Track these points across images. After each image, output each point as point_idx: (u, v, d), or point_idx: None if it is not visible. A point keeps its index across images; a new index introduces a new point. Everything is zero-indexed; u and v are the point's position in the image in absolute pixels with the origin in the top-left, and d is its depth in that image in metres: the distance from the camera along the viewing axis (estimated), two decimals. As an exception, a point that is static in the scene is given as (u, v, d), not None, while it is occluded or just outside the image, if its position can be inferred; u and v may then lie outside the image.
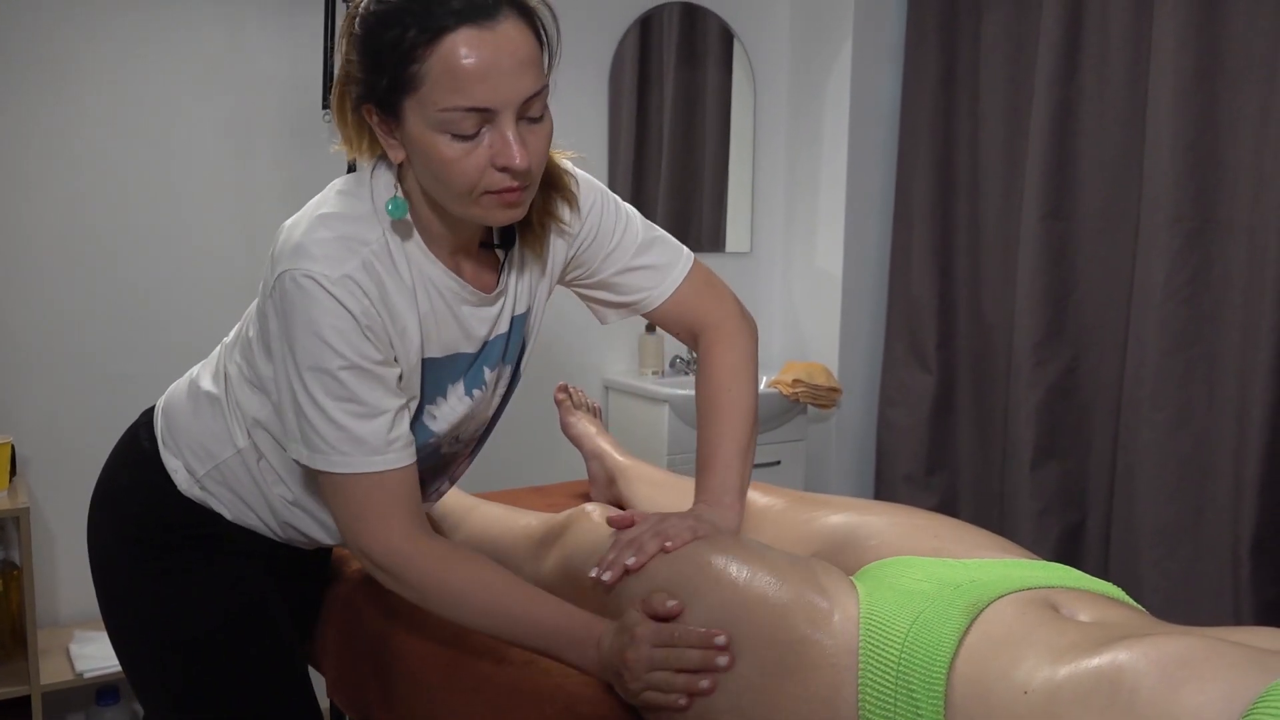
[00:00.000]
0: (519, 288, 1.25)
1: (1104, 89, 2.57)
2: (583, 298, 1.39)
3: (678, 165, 3.18)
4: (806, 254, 3.21)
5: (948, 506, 3.01)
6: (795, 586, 1.01)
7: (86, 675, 2.13)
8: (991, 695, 0.84)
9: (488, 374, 1.25)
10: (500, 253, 1.23)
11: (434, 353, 1.17)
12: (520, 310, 1.26)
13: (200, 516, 1.27)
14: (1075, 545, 2.71)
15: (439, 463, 1.30)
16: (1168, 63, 2.36)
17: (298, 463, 1.15)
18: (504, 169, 1.03)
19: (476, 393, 1.24)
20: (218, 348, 1.32)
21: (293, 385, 1.08)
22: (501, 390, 1.31)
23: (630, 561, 1.13)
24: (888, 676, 0.89)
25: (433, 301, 1.15)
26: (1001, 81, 2.82)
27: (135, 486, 1.30)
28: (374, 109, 1.06)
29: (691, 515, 1.20)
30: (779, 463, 2.97)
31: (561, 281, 1.34)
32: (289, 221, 1.12)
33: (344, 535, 1.15)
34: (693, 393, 1.38)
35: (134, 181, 2.37)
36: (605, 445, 1.87)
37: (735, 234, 3.27)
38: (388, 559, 1.12)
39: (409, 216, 1.13)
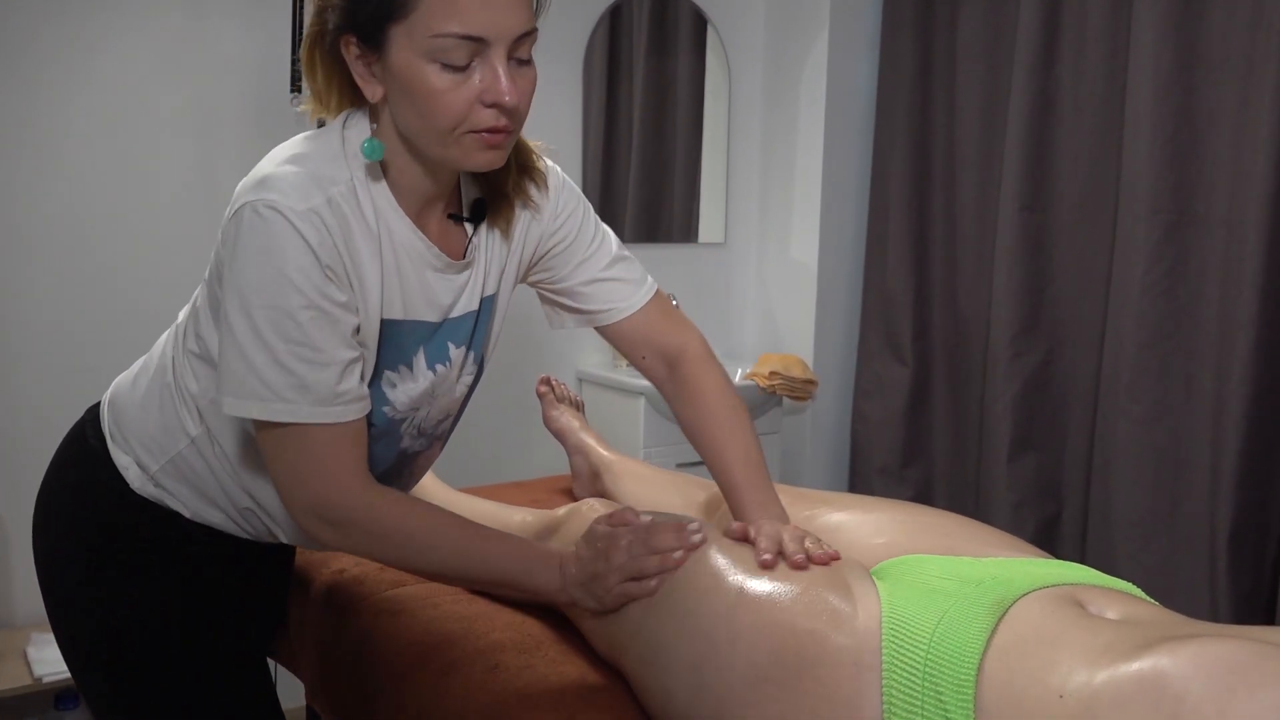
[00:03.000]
0: (488, 266, 1.20)
1: (1082, 81, 2.56)
2: (545, 300, 1.35)
3: (648, 155, 3.13)
4: (781, 245, 3.19)
5: (923, 499, 3.00)
6: (816, 584, 0.97)
7: (45, 680, 2.05)
8: (1025, 698, 0.81)
9: (453, 351, 1.19)
10: (469, 227, 1.19)
11: (394, 314, 1.11)
12: (489, 291, 1.22)
13: (156, 516, 1.20)
14: (1051, 538, 2.72)
15: (399, 459, 1.22)
16: (1147, 55, 2.35)
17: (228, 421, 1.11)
18: (493, 104, 1.00)
19: (440, 368, 1.18)
20: (163, 335, 1.27)
21: (236, 326, 1.01)
22: (467, 380, 1.25)
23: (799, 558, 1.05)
24: (914, 677, 0.86)
25: (397, 258, 1.09)
26: (978, 71, 2.81)
27: (84, 487, 1.23)
28: (355, 40, 1.01)
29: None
30: (754, 456, 2.94)
31: (528, 282, 1.31)
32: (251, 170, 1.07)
33: (286, 492, 1.08)
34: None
35: (94, 169, 2.27)
36: (589, 440, 1.82)
37: (710, 224, 3.23)
38: (344, 512, 1.07)
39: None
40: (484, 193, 1.20)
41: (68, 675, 2.05)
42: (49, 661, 2.08)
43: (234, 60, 2.40)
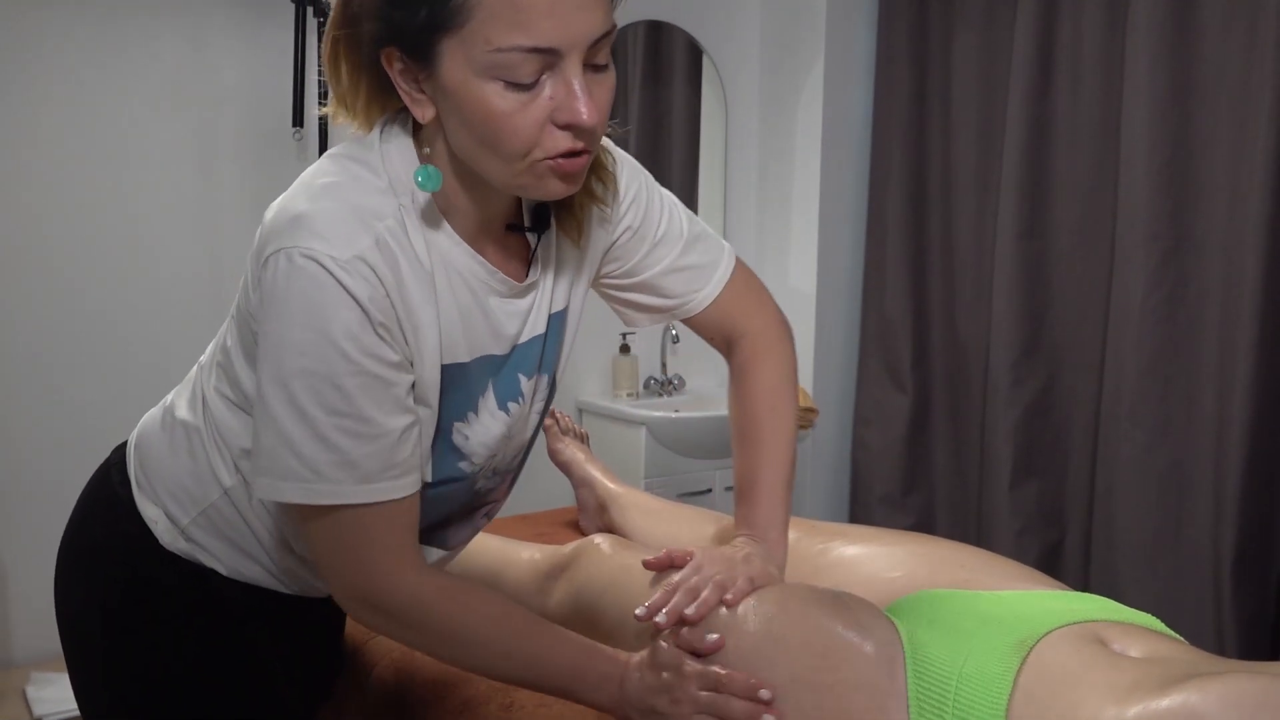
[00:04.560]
0: (555, 279, 1.05)
1: (1077, 107, 2.58)
2: (611, 299, 1.19)
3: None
4: (779, 272, 3.19)
5: (925, 527, 2.99)
6: (835, 628, 0.96)
7: (45, 720, 2.03)
8: None
9: (524, 383, 1.05)
10: (532, 238, 1.03)
11: (458, 356, 0.97)
12: (558, 308, 1.07)
13: (189, 574, 1.06)
14: (1055, 564, 2.71)
15: (473, 499, 1.10)
16: (1142, 81, 2.38)
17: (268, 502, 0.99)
18: (568, 126, 0.85)
19: (512, 406, 1.04)
20: (194, 369, 1.11)
21: (269, 395, 0.87)
22: (539, 406, 1.11)
23: (690, 612, 0.98)
24: (942, 721, 0.85)
25: (455, 292, 0.95)
26: (974, 99, 2.83)
27: (109, 542, 1.09)
28: (398, 52, 0.86)
29: (742, 554, 1.08)
30: (755, 484, 2.93)
31: (596, 280, 1.16)
32: (278, 199, 0.92)
33: (330, 577, 0.96)
34: (670, 414, 1.33)
35: (93, 200, 2.27)
36: (595, 472, 1.81)
37: (707, 253, 3.23)
38: (397, 602, 0.95)
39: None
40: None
41: (69, 715, 2.03)
42: (49, 701, 2.04)
43: (234, 92, 2.41)
